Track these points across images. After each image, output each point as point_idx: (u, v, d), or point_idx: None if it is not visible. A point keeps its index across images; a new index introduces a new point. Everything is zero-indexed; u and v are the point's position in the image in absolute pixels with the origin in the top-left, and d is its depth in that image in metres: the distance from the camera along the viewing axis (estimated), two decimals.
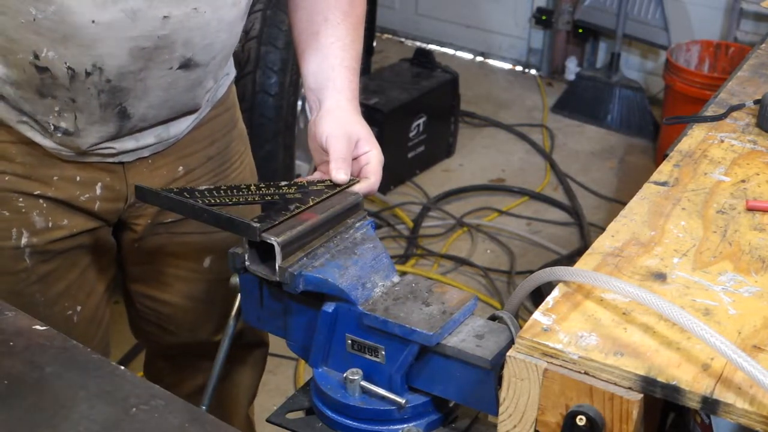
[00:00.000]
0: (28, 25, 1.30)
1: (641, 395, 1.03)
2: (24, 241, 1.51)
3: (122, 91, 1.39)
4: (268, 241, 1.24)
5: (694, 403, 1.01)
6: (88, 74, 1.35)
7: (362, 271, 1.26)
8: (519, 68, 5.24)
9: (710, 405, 1.00)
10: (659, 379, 1.02)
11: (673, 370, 1.03)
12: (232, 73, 1.69)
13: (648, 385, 1.02)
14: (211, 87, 1.56)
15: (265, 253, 1.28)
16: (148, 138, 1.51)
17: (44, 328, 1.15)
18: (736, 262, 1.24)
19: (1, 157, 1.46)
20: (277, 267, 1.24)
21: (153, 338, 1.82)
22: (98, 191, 1.52)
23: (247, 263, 1.28)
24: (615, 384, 1.04)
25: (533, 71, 5.18)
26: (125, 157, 1.51)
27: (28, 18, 1.29)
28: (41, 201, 1.49)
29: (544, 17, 4.97)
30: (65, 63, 1.33)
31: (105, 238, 1.62)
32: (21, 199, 1.49)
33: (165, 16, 1.34)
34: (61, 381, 1.07)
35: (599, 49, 4.92)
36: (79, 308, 1.62)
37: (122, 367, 1.10)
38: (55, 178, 1.49)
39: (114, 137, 1.46)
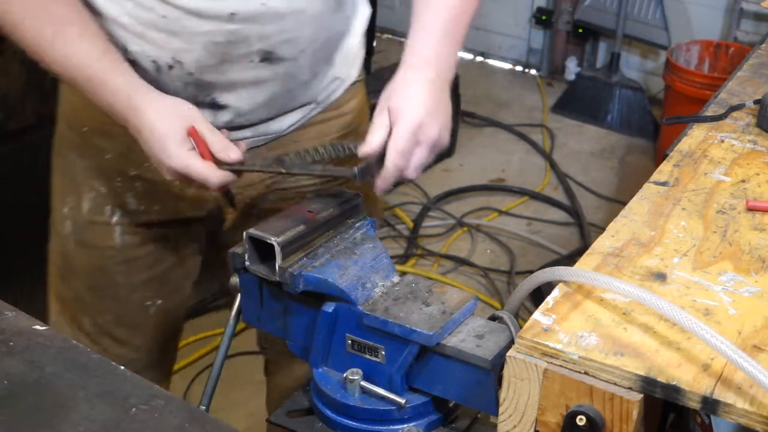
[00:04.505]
0: (114, 22, 1.39)
1: (641, 395, 1.03)
2: (116, 218, 1.55)
3: (208, 84, 1.43)
4: (268, 241, 1.24)
5: (694, 403, 1.01)
6: (170, 67, 1.40)
7: (362, 271, 1.26)
8: (519, 68, 5.23)
9: (710, 405, 1.00)
10: (659, 379, 1.02)
11: (673, 370, 1.03)
12: (352, 76, 1.63)
13: (648, 385, 1.02)
14: (308, 81, 1.52)
15: (265, 253, 1.28)
16: (245, 131, 1.51)
17: (44, 327, 1.15)
18: (736, 262, 1.24)
19: (105, 134, 1.50)
20: (277, 267, 1.24)
21: None
22: None
23: (247, 263, 1.29)
24: (615, 384, 1.04)
25: (533, 71, 5.18)
26: None
27: (114, 15, 1.39)
28: (137, 183, 1.54)
29: (544, 17, 4.97)
30: (148, 57, 1.40)
31: (195, 235, 1.64)
32: (118, 179, 1.53)
33: (232, 13, 1.37)
34: (61, 381, 1.06)
35: (599, 49, 4.92)
36: (159, 302, 1.66)
37: (122, 367, 1.10)
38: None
39: None
